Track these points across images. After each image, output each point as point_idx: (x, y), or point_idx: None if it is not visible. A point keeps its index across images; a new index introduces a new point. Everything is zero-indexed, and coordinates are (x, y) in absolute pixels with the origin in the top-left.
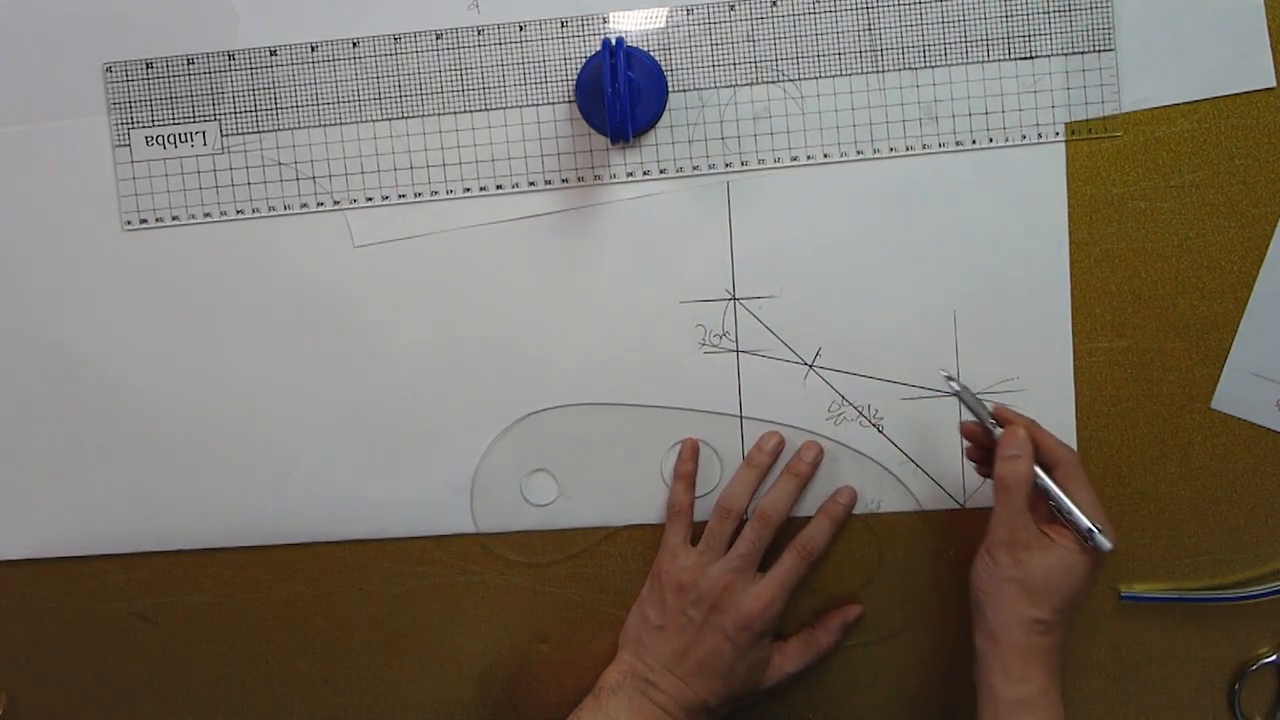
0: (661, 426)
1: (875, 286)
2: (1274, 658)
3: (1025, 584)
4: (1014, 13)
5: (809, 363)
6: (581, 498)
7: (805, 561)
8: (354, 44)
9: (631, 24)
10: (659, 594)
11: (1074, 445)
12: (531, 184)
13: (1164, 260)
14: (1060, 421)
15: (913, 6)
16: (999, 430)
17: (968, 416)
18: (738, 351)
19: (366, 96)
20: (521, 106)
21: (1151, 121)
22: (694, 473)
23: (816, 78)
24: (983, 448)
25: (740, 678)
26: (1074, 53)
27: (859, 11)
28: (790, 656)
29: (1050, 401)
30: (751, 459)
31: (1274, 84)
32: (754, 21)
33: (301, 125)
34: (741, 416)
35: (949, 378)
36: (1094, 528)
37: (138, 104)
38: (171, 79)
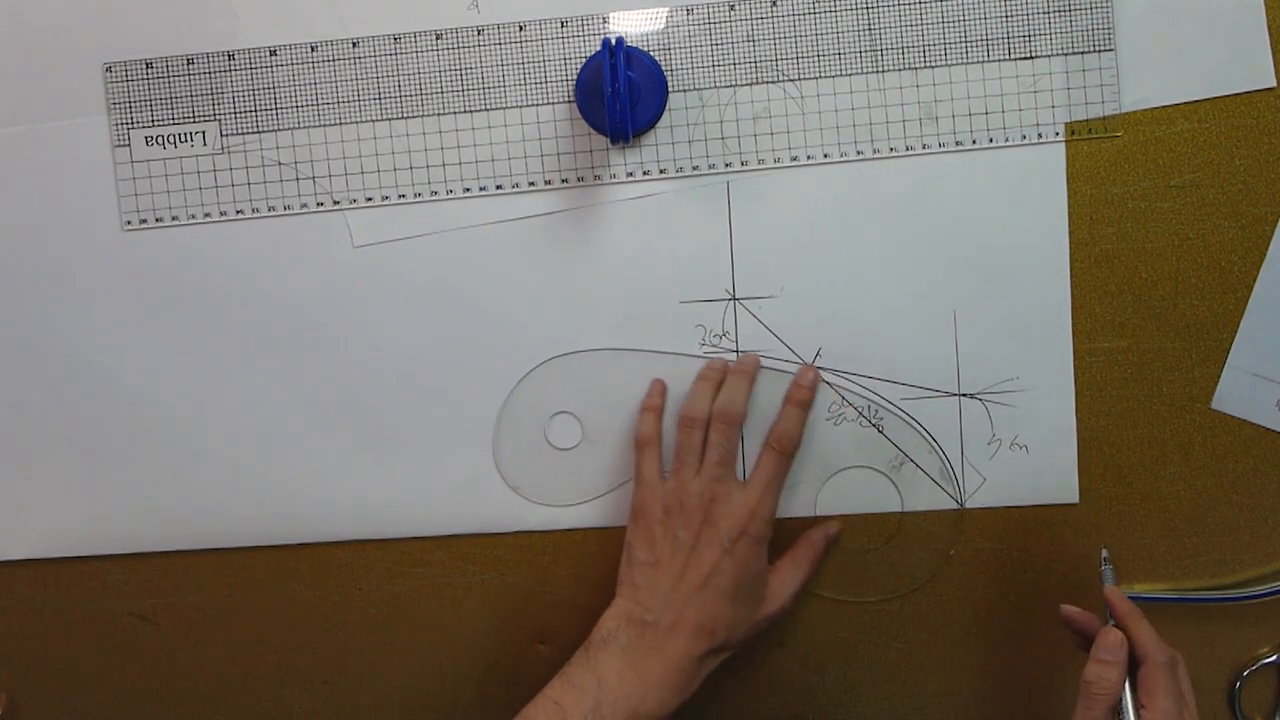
0: (664, 426)
1: (875, 286)
2: (1274, 658)
3: None
4: (1014, 12)
5: (809, 363)
6: (580, 498)
7: (784, 457)
8: (354, 44)
9: (631, 24)
10: (644, 529)
11: (1074, 445)
12: (531, 184)
13: (1164, 260)
14: (1060, 422)
15: (912, 6)
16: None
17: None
18: (738, 351)
19: (366, 96)
20: (521, 106)
21: (1151, 121)
22: (662, 407)
23: (816, 78)
24: (1081, 634)
25: (744, 598)
26: (1074, 53)
27: (859, 11)
28: (784, 576)
29: (1050, 401)
30: (703, 374)
31: (1274, 84)
32: (754, 21)
33: (301, 125)
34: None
35: (1105, 559)
36: None
37: (138, 104)
38: (171, 79)
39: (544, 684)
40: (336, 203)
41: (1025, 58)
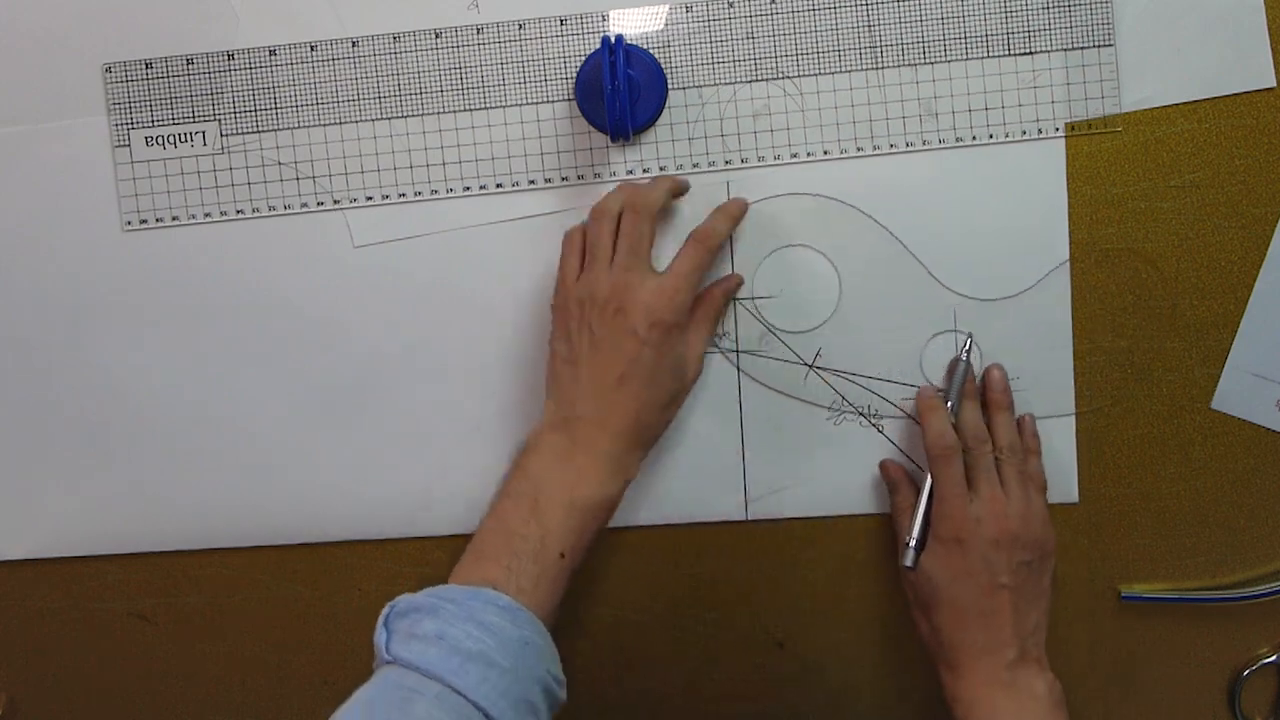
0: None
1: (875, 285)
2: (1274, 658)
3: None
4: (1014, 8)
5: (809, 363)
6: None
7: (705, 250)
8: (353, 44)
9: (631, 22)
10: (562, 326)
11: (1074, 445)
12: (532, 182)
13: (1164, 260)
14: (1060, 422)
15: (912, 3)
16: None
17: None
18: (738, 351)
19: (366, 96)
20: (521, 105)
21: (1152, 121)
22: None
23: (816, 75)
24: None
25: (665, 380)
26: (1074, 48)
27: (858, 8)
28: (695, 340)
29: (1050, 402)
30: (621, 187)
31: (1274, 84)
32: (753, 19)
33: (301, 125)
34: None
35: (966, 349)
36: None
37: (137, 104)
38: (171, 79)
39: None
40: (337, 202)
41: (1025, 53)
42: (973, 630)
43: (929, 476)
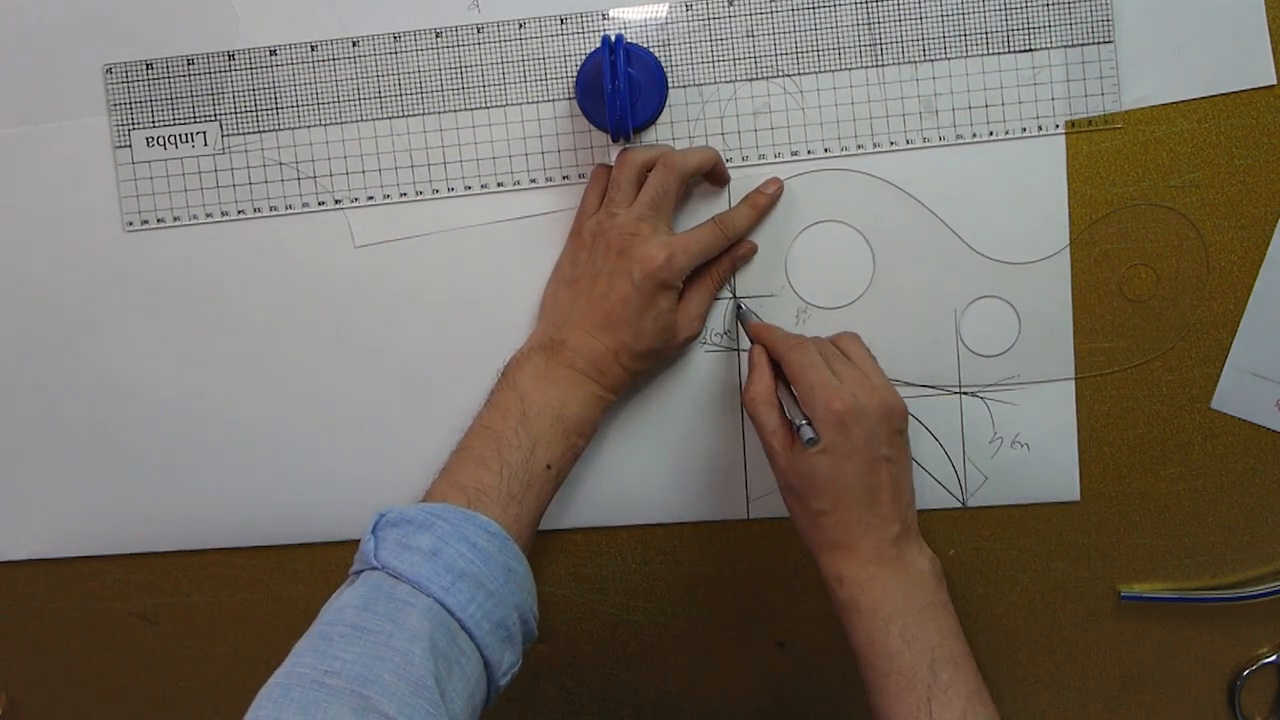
0: (665, 425)
1: (876, 284)
2: (1274, 658)
3: None
4: (1013, 5)
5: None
6: (580, 498)
7: (720, 234)
8: (354, 43)
9: (631, 21)
10: (574, 249)
11: (1074, 444)
12: (533, 181)
13: (1164, 260)
14: (1060, 421)
15: (911, 0)
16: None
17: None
18: (738, 350)
19: (366, 95)
20: (522, 104)
21: (1151, 120)
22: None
23: (816, 73)
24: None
25: (648, 330)
26: (1073, 45)
27: (858, 6)
28: (691, 306)
29: (1051, 400)
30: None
31: (1274, 82)
32: (753, 17)
33: (301, 125)
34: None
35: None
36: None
37: (138, 105)
38: (171, 79)
39: (543, 683)
40: (337, 202)
41: (1025, 50)
42: (858, 509)
43: (778, 364)
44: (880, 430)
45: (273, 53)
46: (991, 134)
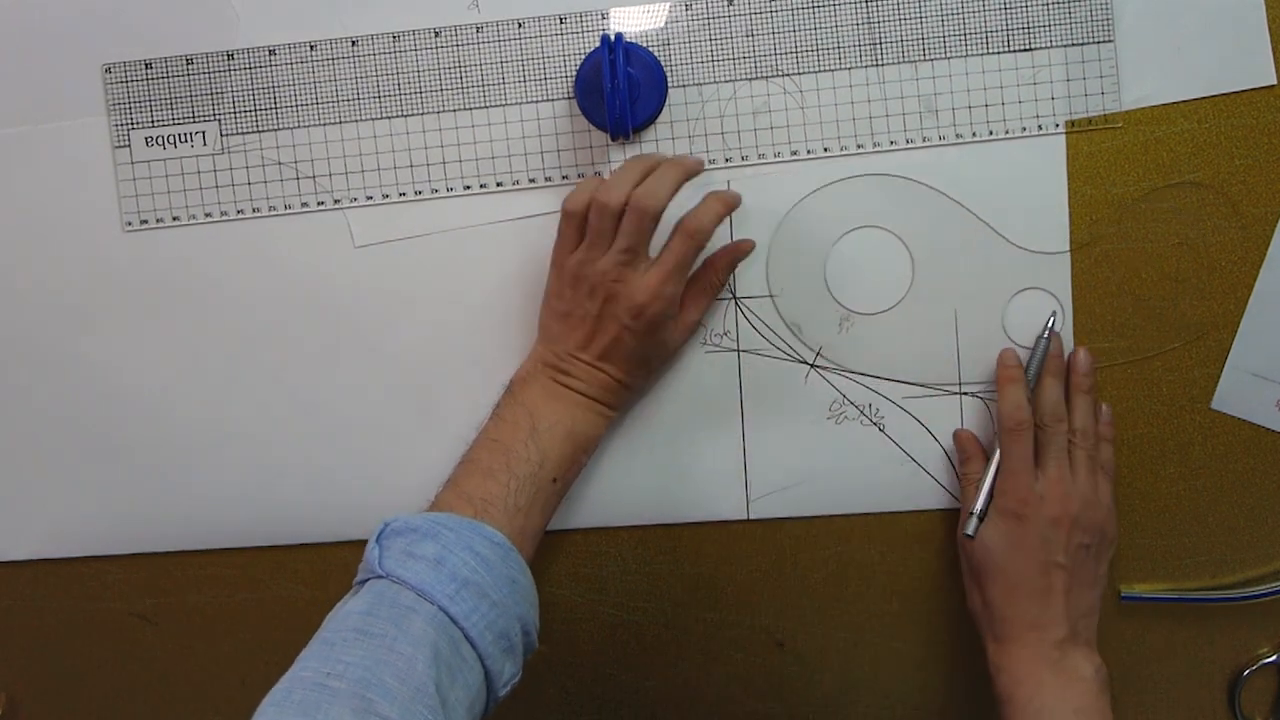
0: (665, 425)
1: (876, 283)
2: (1274, 658)
3: None
4: (1013, 4)
5: (809, 362)
6: (581, 498)
7: (692, 242)
8: (353, 43)
9: (631, 20)
10: (559, 284)
11: None
12: (532, 181)
13: (1164, 260)
14: None
15: (911, 0)
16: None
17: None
18: (738, 351)
19: (366, 95)
20: (521, 104)
21: (1151, 120)
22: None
23: (816, 72)
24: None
25: (648, 359)
26: (1073, 44)
27: (858, 6)
28: (690, 309)
29: None
30: (631, 163)
31: (1275, 81)
32: (753, 17)
33: (301, 125)
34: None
35: (1050, 324)
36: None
37: (137, 104)
38: (171, 79)
39: (543, 684)
40: (337, 202)
41: (1024, 49)
42: (1024, 604)
43: (998, 449)
44: (1057, 536)
45: (272, 52)
46: (991, 134)
